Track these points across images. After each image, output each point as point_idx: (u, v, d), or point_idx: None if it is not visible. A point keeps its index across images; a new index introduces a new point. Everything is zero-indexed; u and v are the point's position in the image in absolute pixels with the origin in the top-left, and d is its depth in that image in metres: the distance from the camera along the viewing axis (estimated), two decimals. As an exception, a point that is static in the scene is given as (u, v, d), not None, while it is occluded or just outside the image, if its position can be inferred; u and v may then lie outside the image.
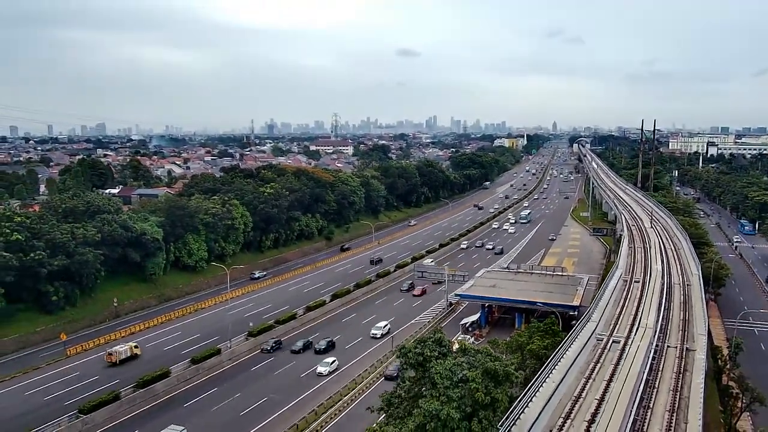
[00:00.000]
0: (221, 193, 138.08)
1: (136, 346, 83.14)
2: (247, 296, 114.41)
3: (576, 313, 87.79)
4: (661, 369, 46.78)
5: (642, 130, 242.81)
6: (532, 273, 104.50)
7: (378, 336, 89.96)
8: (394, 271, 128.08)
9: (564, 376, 42.98)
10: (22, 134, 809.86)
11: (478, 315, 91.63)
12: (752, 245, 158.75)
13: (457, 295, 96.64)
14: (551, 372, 42.94)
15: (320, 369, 76.60)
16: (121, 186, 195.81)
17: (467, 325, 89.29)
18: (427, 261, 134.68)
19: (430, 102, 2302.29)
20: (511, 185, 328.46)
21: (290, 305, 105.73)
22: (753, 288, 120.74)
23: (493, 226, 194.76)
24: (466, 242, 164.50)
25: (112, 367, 79.06)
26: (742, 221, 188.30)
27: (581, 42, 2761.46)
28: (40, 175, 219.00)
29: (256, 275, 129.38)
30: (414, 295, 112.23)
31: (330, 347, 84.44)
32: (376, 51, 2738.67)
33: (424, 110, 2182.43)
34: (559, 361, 45.35)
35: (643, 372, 44.56)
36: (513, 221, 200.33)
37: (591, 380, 44.33)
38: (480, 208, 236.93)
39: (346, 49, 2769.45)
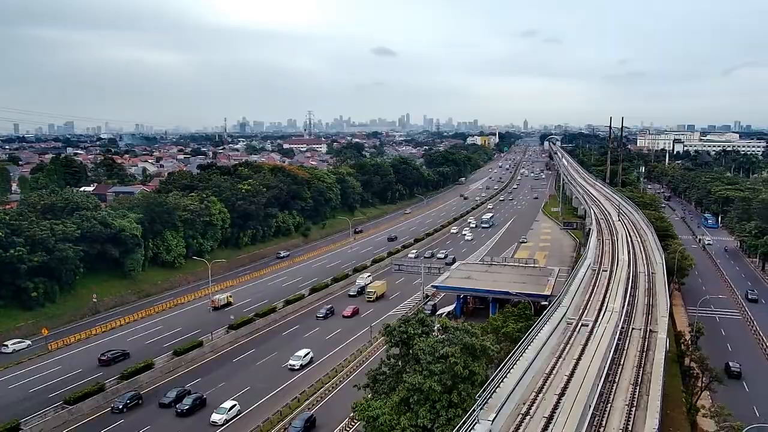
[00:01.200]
0: (198, 190, 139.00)
1: (230, 296, 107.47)
2: (227, 291, 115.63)
3: (547, 302, 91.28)
4: (626, 348, 50.06)
5: (610, 127, 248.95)
6: (506, 265, 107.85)
7: (296, 368, 76.17)
8: (370, 265, 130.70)
9: (536, 355, 45.83)
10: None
11: (453, 305, 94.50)
12: (719, 239, 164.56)
13: (433, 286, 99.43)
14: (524, 351, 45.75)
15: (215, 417, 62.75)
16: (95, 184, 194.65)
17: (443, 315, 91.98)
18: (362, 278, 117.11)
19: (403, 101, 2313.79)
20: (490, 178, 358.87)
21: (269, 299, 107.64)
22: (715, 279, 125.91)
23: (452, 231, 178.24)
24: (414, 251, 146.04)
25: (215, 310, 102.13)
26: (705, 215, 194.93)
27: (557, 42, 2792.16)
28: (11, 174, 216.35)
29: (282, 255, 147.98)
30: (345, 317, 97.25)
31: (197, 406, 65.43)
32: (352, 51, 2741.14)
33: (397, 109, 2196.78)
34: (532, 341, 48.19)
35: (610, 351, 47.73)
36: (474, 225, 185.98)
37: (561, 359, 47.33)
38: (465, 198, 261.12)
39: (321, 48, 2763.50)
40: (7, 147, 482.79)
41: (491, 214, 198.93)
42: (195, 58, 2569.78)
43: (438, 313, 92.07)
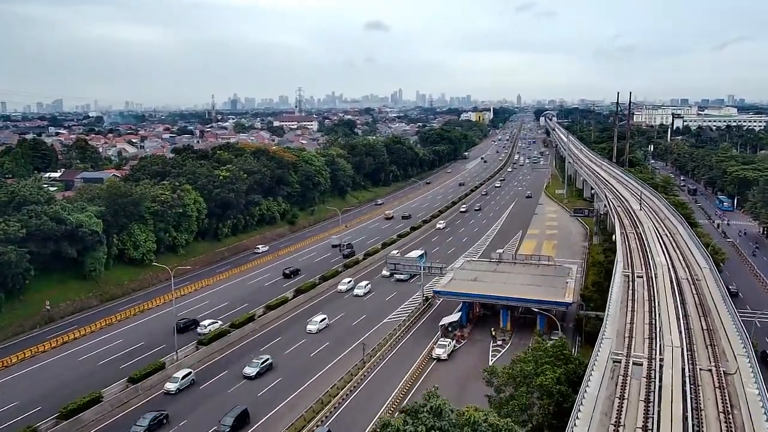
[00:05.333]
0: (171, 177, 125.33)
1: (392, 212, 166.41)
2: (202, 292, 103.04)
3: (566, 309, 79.10)
4: (702, 407, 37.34)
5: (617, 103, 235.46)
6: (516, 263, 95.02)
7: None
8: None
9: (588, 428, 33.34)
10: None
11: (459, 313, 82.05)
12: (738, 224, 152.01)
13: (435, 291, 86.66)
14: (574, 427, 33.31)
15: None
16: (63, 169, 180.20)
17: (446, 325, 79.69)
18: None
19: (395, 76, 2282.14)
20: (499, 139, 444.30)
21: (249, 303, 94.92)
22: (744, 271, 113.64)
23: (340, 287, 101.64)
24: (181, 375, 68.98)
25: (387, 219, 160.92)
26: (720, 197, 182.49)
27: (552, 16, 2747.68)
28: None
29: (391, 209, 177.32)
30: None
31: None
32: (344, 26, 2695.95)
33: (389, 85, 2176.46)
34: (580, 407, 35.68)
35: (684, 416, 35.15)
36: (388, 272, 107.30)
37: (621, 426, 34.85)
38: (485, 161, 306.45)
39: (313, 23, 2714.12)
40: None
41: (422, 251, 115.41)
42: (185, 34, 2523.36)
43: (441, 323, 79.53)
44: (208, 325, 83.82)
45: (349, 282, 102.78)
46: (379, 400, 62.73)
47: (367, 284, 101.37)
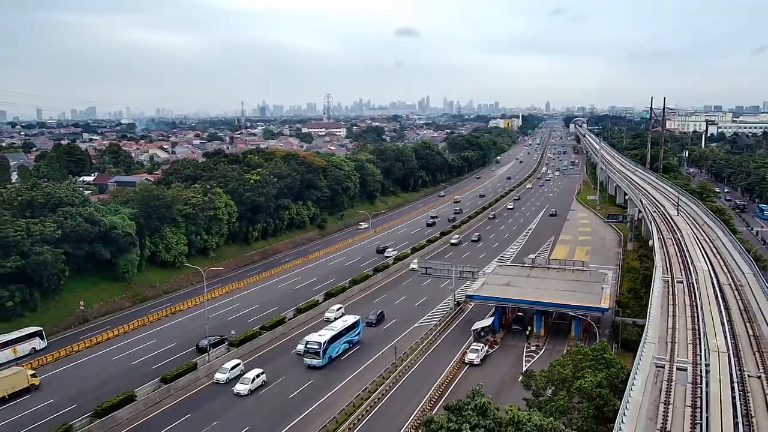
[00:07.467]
0: (203, 181, 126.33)
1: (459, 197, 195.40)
2: (232, 295, 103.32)
3: (602, 315, 77.44)
4: (753, 414, 35.87)
5: (651, 109, 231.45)
6: (549, 268, 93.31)
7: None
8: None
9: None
10: (11, 119, 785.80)
11: (491, 318, 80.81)
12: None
13: (468, 296, 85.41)
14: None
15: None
16: (97, 173, 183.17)
17: (479, 330, 78.57)
18: None
19: (422, 83, 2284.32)
20: (530, 144, 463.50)
21: (279, 306, 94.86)
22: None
23: (217, 377, 69.32)
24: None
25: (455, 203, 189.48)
26: (760, 205, 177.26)
27: (585, 20, 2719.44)
28: (14, 162, 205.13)
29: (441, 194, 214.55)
30: None
31: None
32: (373, 32, 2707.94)
33: (417, 91, 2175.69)
34: (625, 411, 34.43)
35: (736, 422, 33.70)
36: (304, 348, 74.44)
37: (668, 436, 33.55)
38: (521, 162, 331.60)
39: (341, 29, 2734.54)
40: (23, 133, 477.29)
41: (331, 334, 74.19)
42: (217, 42, 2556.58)
43: (473, 328, 78.46)
44: (392, 251, 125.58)
45: (233, 368, 70.02)
46: (411, 404, 61.89)
47: (258, 375, 67.87)
